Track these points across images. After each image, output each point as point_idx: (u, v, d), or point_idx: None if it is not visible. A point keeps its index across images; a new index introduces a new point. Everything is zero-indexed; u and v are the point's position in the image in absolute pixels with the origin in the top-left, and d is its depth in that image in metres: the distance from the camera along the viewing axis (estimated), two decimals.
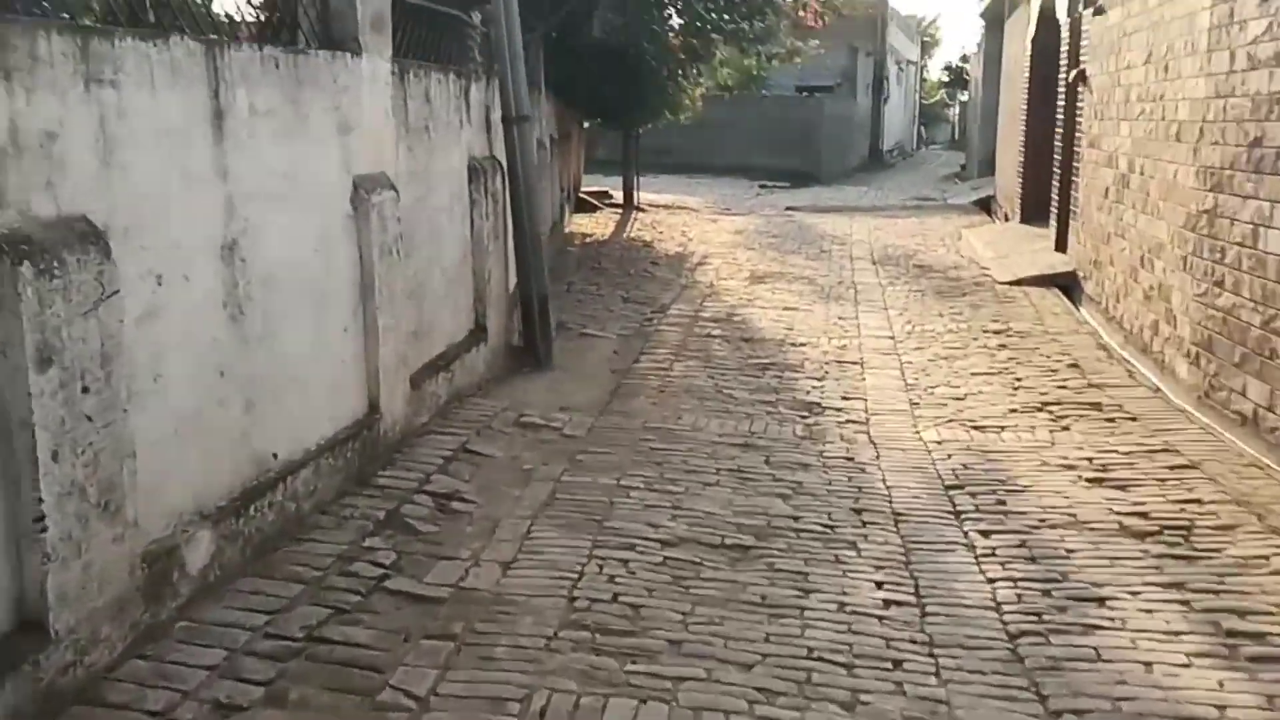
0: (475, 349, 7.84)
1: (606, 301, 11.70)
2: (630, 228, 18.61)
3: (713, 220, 20.24)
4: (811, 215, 21.78)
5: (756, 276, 13.71)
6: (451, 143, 7.49)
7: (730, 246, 16.60)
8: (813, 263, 15.05)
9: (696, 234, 18.10)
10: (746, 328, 10.56)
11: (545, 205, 12.22)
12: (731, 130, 31.92)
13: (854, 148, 37.50)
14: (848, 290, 12.86)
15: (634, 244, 16.56)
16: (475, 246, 7.93)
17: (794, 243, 17.16)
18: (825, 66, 37.41)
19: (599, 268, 13.97)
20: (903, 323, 10.92)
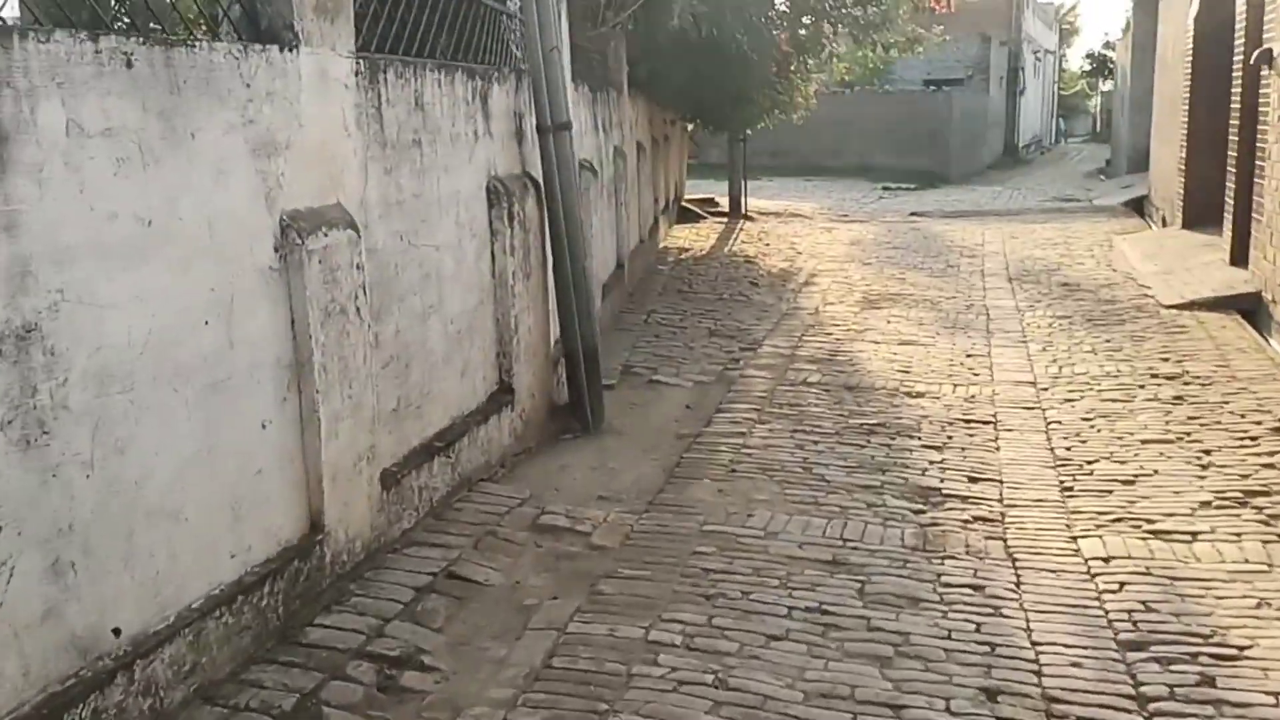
0: (497, 417, 6.21)
1: (689, 335, 9.97)
2: (734, 240, 16.83)
3: (827, 229, 18.32)
4: (938, 221, 19.65)
5: (870, 300, 11.82)
6: (460, 160, 5.88)
7: (843, 261, 14.69)
8: (937, 281, 13.06)
9: (807, 246, 16.22)
10: (852, 370, 8.72)
11: (611, 230, 10.59)
12: (852, 129, 29.83)
13: (987, 144, 34.94)
14: (978, 317, 10.87)
15: (734, 259, 14.79)
16: (499, 289, 6.30)
17: (917, 255, 15.16)
18: (955, 58, 34.99)
19: (689, 290, 12.24)
20: (1046, 361, 8.93)
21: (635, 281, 12.37)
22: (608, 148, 10.68)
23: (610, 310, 10.33)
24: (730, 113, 15.57)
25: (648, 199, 14.37)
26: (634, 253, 12.55)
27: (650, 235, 14.40)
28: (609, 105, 10.96)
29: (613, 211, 10.91)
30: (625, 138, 12.00)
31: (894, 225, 18.97)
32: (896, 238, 17.15)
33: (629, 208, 12.10)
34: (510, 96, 6.64)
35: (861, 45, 17.17)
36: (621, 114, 11.91)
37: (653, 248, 14.53)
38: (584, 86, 9.51)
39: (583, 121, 9.18)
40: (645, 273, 13.16)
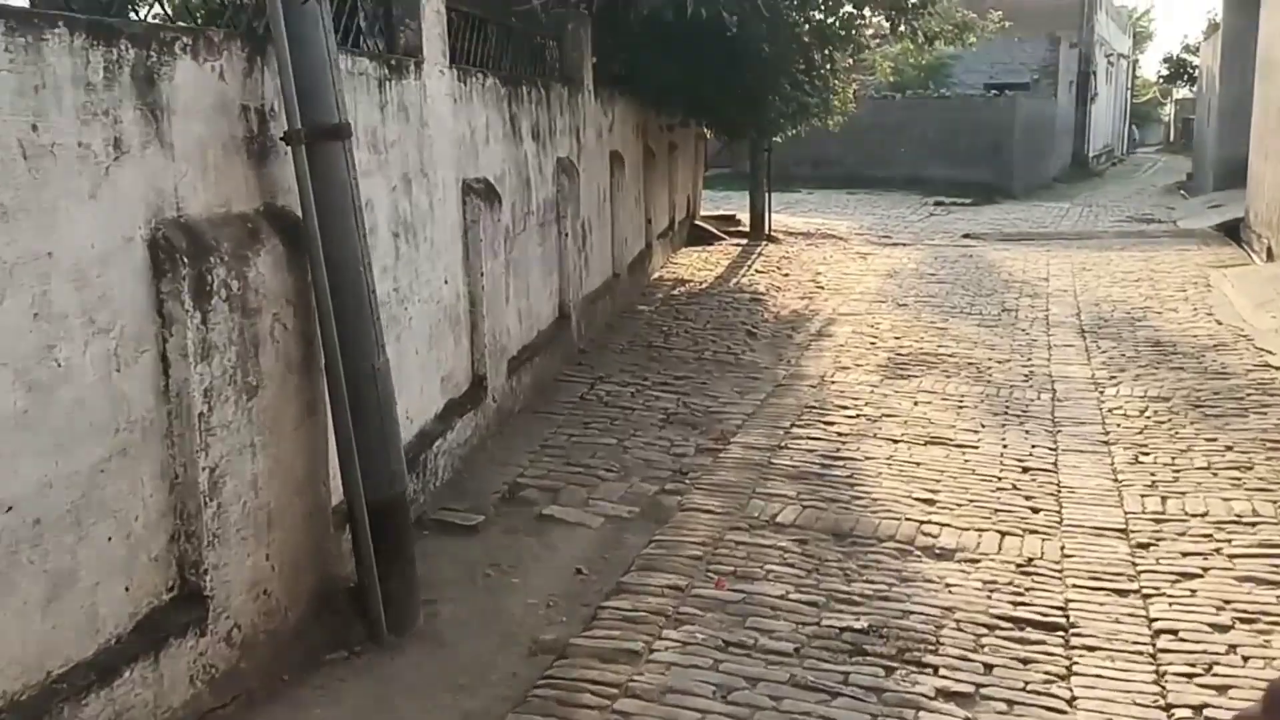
0: (155, 658, 3.40)
1: (633, 423, 7.10)
2: (747, 268, 13.91)
3: (862, 255, 15.33)
4: (996, 246, 16.56)
5: (897, 362, 8.87)
6: (65, 192, 3.08)
7: (872, 300, 11.73)
8: (988, 332, 10.07)
9: (833, 278, 13.27)
10: (850, 500, 5.80)
11: (550, 272, 7.73)
12: (904, 136, 26.71)
13: (1054, 154, 31.56)
14: (1040, 395, 7.90)
15: (739, 295, 11.89)
16: (175, 422, 3.49)
17: (965, 293, 12.14)
18: (1020, 59, 31.74)
19: (663, 345, 9.36)
20: (1142, 486, 5.97)
21: (598, 330, 9.53)
22: (540, 162, 7.87)
23: (536, 381, 7.50)
24: (739, 117, 12.65)
25: (630, 223, 11.53)
26: (598, 293, 9.71)
27: (634, 267, 11.56)
28: (548, 105, 8.15)
29: (549, 246, 8.09)
30: (582, 148, 9.17)
31: (942, 251, 15.91)
32: (943, 268, 14.13)
33: (587, 238, 9.28)
34: (232, 79, 3.82)
35: (900, 35, 14.11)
36: (578, 117, 9.08)
37: (637, 282, 11.69)
38: (487, 78, 6.70)
39: (475, 125, 6.38)
40: (617, 316, 10.32)
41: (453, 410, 5.85)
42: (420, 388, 5.43)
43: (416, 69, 5.47)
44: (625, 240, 10.88)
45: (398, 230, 5.15)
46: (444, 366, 5.78)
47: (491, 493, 5.62)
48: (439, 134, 5.77)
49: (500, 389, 6.56)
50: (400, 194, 5.20)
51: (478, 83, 6.47)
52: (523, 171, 7.41)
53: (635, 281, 11.60)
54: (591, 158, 9.56)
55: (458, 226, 6.04)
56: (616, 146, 10.70)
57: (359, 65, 4.79)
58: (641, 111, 12.04)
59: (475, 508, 5.41)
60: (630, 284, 11.22)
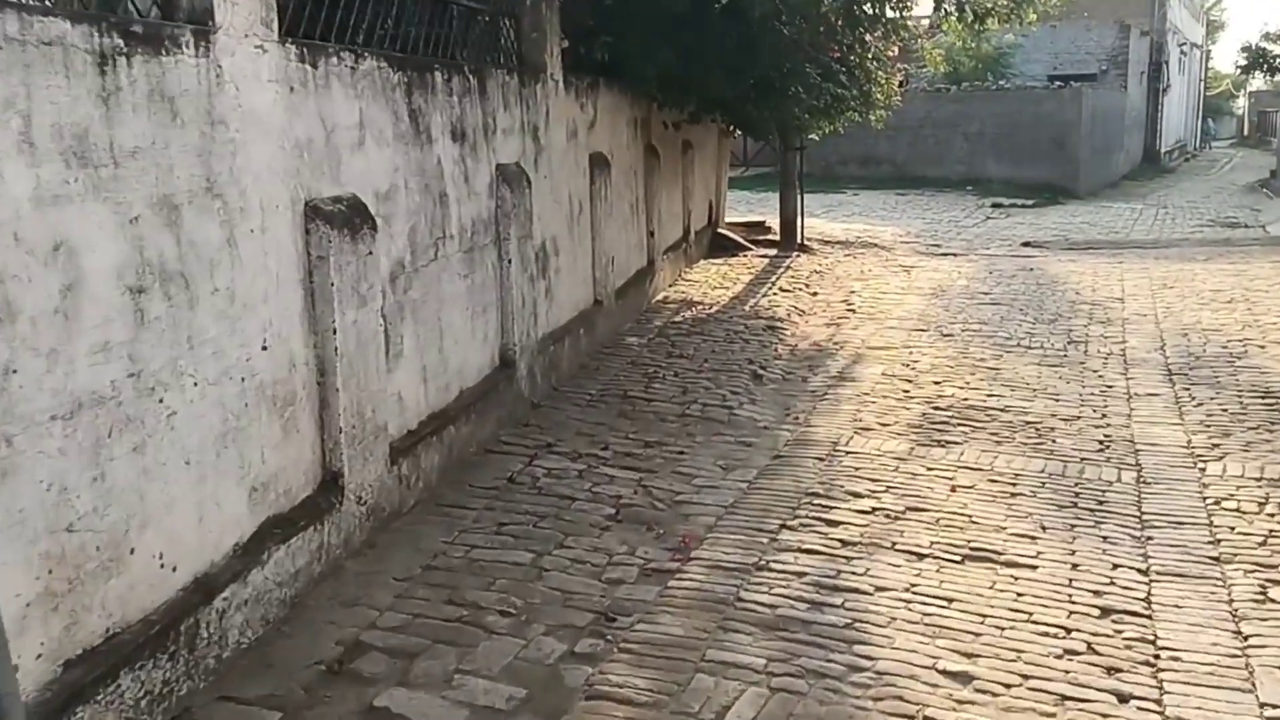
0: None
1: (573, 518, 5.23)
2: (770, 286, 11.98)
3: (906, 268, 13.32)
4: (1060, 257, 14.46)
5: (935, 420, 6.93)
6: None
7: (912, 328, 9.76)
8: (1052, 374, 8.08)
9: (869, 298, 11.31)
10: (839, 678, 3.86)
11: (475, 316, 5.85)
12: (958, 132, 24.54)
13: (1123, 150, 29.13)
14: (1121, 475, 5.92)
15: (753, 322, 9.98)
16: None
17: (1024, 319, 10.13)
18: (1086, 49, 29.39)
19: (643, 395, 7.48)
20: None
21: (565, 375, 7.70)
22: (467, 170, 6.04)
23: (452, 460, 5.68)
24: (756, 112, 10.71)
25: (623, 238, 9.68)
26: (567, 329, 7.87)
27: (628, 290, 9.71)
28: (482, 97, 6.32)
29: (481, 277, 6.26)
30: (541, 151, 7.34)
31: (998, 263, 13.85)
32: (998, 284, 12.09)
33: (548, 263, 7.45)
34: None
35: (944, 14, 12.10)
36: (534, 112, 7.25)
37: (632, 306, 9.83)
38: (362, 59, 4.88)
39: (335, 123, 4.58)
40: (596, 353, 8.47)
41: (273, 534, 4.05)
42: (197, 515, 3.63)
43: (200, 42, 3.67)
44: (612, 259, 9.02)
45: (142, 283, 3.36)
46: (255, 472, 3.98)
47: (311, 663, 3.80)
48: (253, 137, 3.97)
49: (373, 485, 4.75)
50: (152, 227, 3.41)
51: (341, 66, 4.66)
52: (433, 184, 5.59)
53: (630, 306, 9.75)
54: (558, 162, 7.72)
55: (294, 265, 4.25)
56: (600, 148, 8.85)
57: (45, 30, 3.00)
58: (639, 106, 10.18)
59: (275, 694, 3.60)
60: (621, 310, 9.37)
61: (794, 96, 10.81)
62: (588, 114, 8.52)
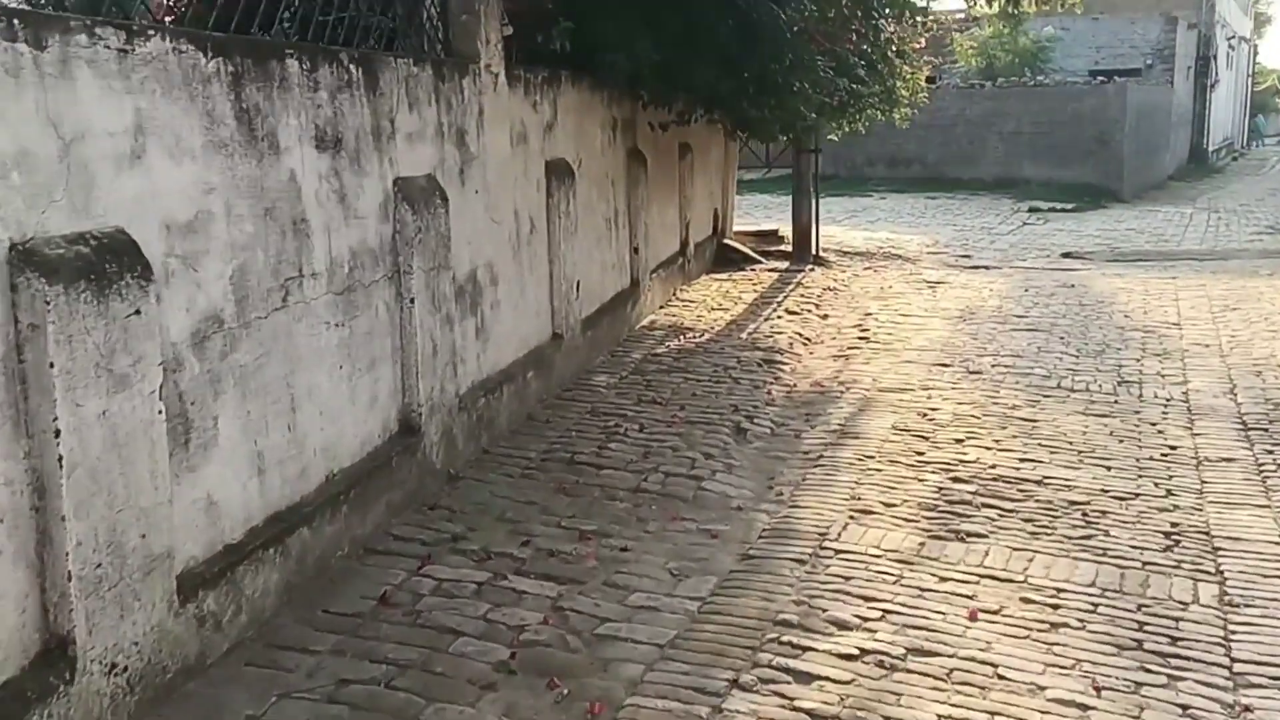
0: None
1: (453, 662, 3.78)
2: (775, 307, 10.48)
3: (931, 284, 11.78)
4: (1105, 270, 12.86)
5: (954, 500, 5.43)
6: None
7: (934, 362, 8.25)
8: (1100, 429, 6.55)
9: (886, 322, 9.79)
10: None
11: (345, 379, 4.37)
12: (993, 131, 22.88)
13: (1169, 149, 27.30)
14: (1200, 596, 4.40)
15: (748, 354, 8.48)
16: None
17: (1065, 350, 8.59)
18: (1130, 42, 27.58)
19: (594, 457, 5.99)
20: None
21: (503, 432, 6.26)
22: (345, 187, 4.61)
23: (298, 578, 4.26)
24: (754, 110, 9.18)
25: (595, 258, 8.24)
26: (508, 375, 6.43)
27: (603, 317, 8.26)
28: (373, 94, 4.89)
29: (369, 324, 4.83)
30: (470, 161, 5.90)
31: (1036, 277, 12.27)
32: (1036, 305, 10.53)
33: (478, 297, 6.02)
34: None
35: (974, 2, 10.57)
36: (461, 113, 5.81)
37: (608, 336, 8.38)
38: (139, 40, 3.45)
39: (85, 128, 3.16)
40: (550, 400, 7.02)
41: None
42: None
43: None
44: (577, 285, 7.57)
45: None
46: None
47: None
48: None
49: (141, 642, 3.33)
50: None
51: (96, 47, 3.24)
52: (281, 207, 4.17)
53: (603, 336, 8.30)
54: (498, 173, 6.28)
55: None
56: (563, 154, 7.41)
57: None
58: (619, 105, 8.72)
59: None
60: (589, 343, 7.92)
61: (800, 92, 9.28)
62: (543, 114, 7.07)
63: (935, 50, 22.20)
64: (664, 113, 9.13)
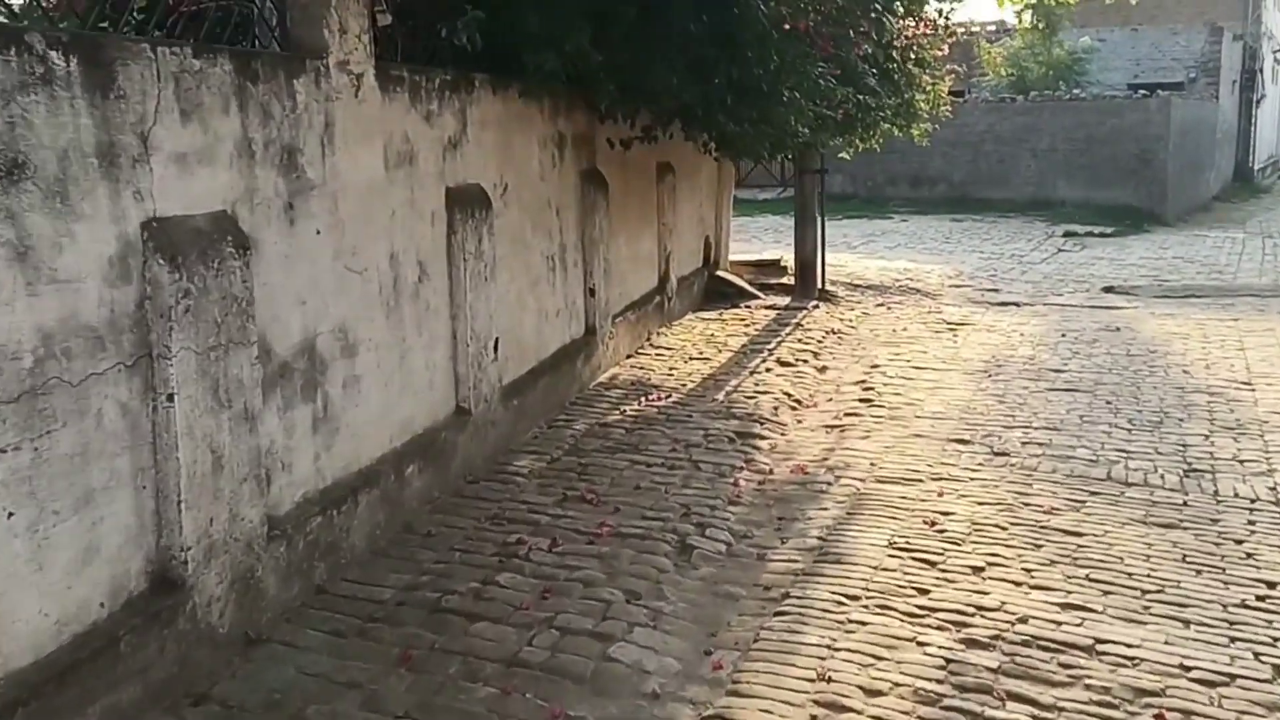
0: None
1: None
2: (766, 356, 8.76)
3: (951, 327, 10.02)
4: (1153, 309, 11.03)
5: (964, 681, 3.69)
6: None
7: (948, 438, 6.51)
8: (1168, 552, 4.79)
9: (894, 380, 8.06)
10: None
11: None
12: (1026, 148, 21.05)
13: (1214, 167, 25.33)
14: None
15: (721, 424, 6.76)
16: None
17: (1113, 420, 6.83)
18: (1172, 54, 25.66)
19: (475, 599, 4.31)
20: None
21: (350, 563, 4.59)
22: (31, 237, 2.96)
23: None
24: (730, 123, 7.42)
25: (531, 305, 6.56)
26: (367, 480, 4.75)
27: (541, 379, 6.59)
28: (111, 98, 3.24)
29: (94, 434, 3.16)
30: (303, 189, 4.23)
31: (1074, 318, 10.48)
32: (1074, 357, 8.76)
33: (319, 376, 4.34)
34: None
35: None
36: (295, 126, 4.16)
37: (538, 406, 6.68)
38: None
39: None
40: (437, 505, 5.34)
41: None
42: None
43: None
44: (493, 343, 5.90)
45: None
46: None
47: None
48: None
49: None
50: None
51: None
52: None
53: (539, 404, 6.62)
54: (356, 206, 4.63)
55: None
56: (476, 177, 5.75)
57: None
58: (566, 117, 7.06)
59: None
60: (516, 415, 6.24)
61: (791, 103, 7.57)
62: (442, 128, 5.41)
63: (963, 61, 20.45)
64: (626, 127, 7.44)
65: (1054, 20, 22.10)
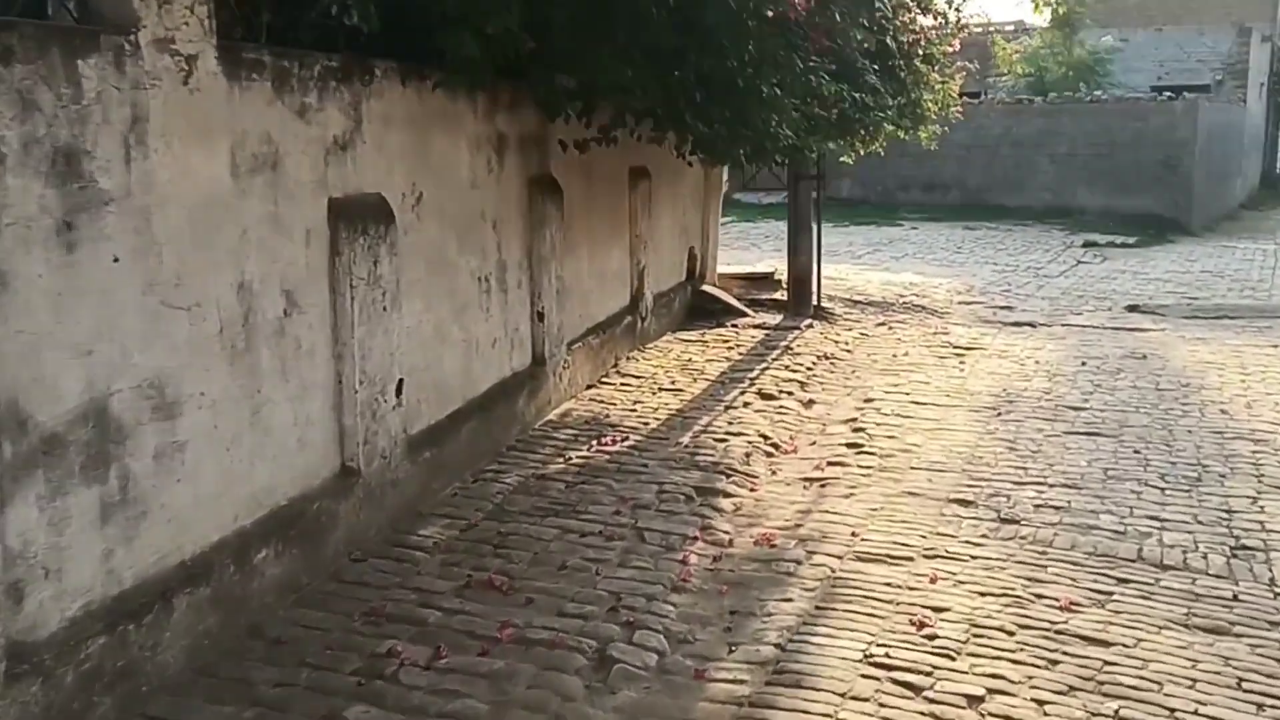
0: None
1: None
2: (746, 386, 7.67)
3: (958, 351, 8.92)
4: (1184, 333, 9.89)
5: None
6: None
7: (948, 498, 5.42)
8: (1211, 669, 3.69)
9: (888, 416, 6.97)
10: None
11: None
12: (1044, 152, 19.88)
13: (1240, 174, 24.08)
14: None
15: (681, 476, 5.69)
16: None
17: (1143, 475, 5.74)
18: (1198, 55, 24.40)
19: None
20: None
21: (130, 703, 3.53)
22: None
23: None
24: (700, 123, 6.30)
25: (451, 336, 5.48)
26: (205, 567, 3.69)
27: (454, 427, 5.50)
28: None
29: None
30: (83, 205, 3.17)
31: (1094, 342, 9.36)
32: (1096, 390, 7.65)
33: (62, 465, 3.28)
34: None
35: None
36: (81, 124, 3.10)
37: (466, 454, 5.61)
38: None
39: None
40: (298, 597, 4.28)
41: None
42: None
43: None
44: (393, 386, 4.81)
45: None
46: None
47: None
48: None
49: None
50: None
51: None
52: None
53: (464, 454, 5.55)
54: (181, 224, 3.57)
55: None
56: (374, 185, 4.68)
57: None
58: (507, 115, 5.99)
59: None
60: (427, 472, 5.17)
61: (771, 101, 6.48)
62: (325, 125, 4.35)
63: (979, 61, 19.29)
64: (585, 127, 6.35)
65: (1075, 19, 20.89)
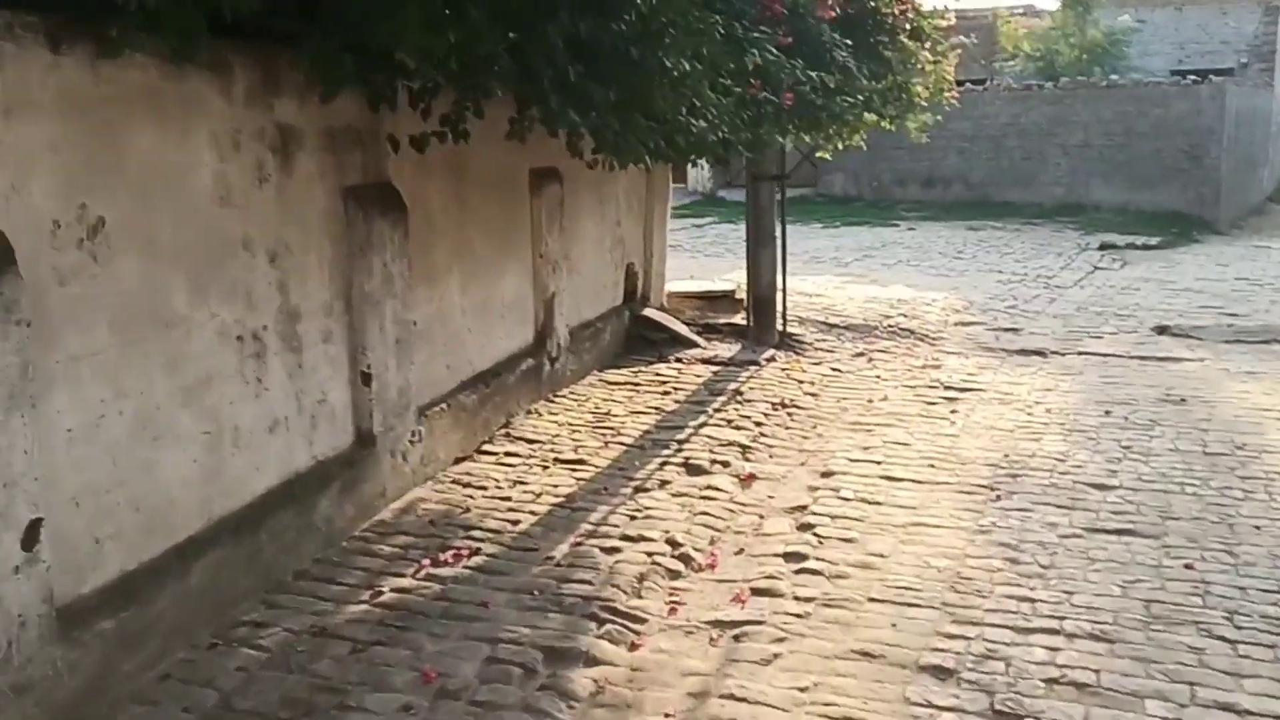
0: None
1: None
2: (674, 452, 5.81)
3: (948, 395, 7.04)
4: (1225, 363, 7.97)
5: None
6: None
7: (911, 661, 3.53)
8: None
9: (849, 502, 5.10)
10: None
11: None
12: (1055, 143, 17.91)
13: (1268, 164, 22.03)
14: None
15: (530, 626, 3.87)
16: None
17: (1200, 625, 3.79)
18: (1220, 36, 22.33)
19: None
20: None
21: None
22: None
23: None
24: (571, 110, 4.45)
25: (162, 435, 3.64)
26: None
27: (183, 564, 3.68)
28: None
29: None
30: None
31: (1118, 379, 7.47)
32: (1125, 457, 5.76)
33: None
34: None
35: None
36: None
37: (184, 608, 3.78)
38: None
39: None
40: None
41: None
42: None
43: None
44: (33, 524, 2.97)
45: None
46: None
47: None
48: None
49: None
50: None
51: None
52: None
53: (208, 595, 3.70)
54: None
55: None
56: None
57: None
58: (304, 102, 4.14)
59: None
60: (136, 636, 3.33)
61: (681, 79, 4.60)
62: None
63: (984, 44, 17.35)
64: (418, 118, 4.47)
65: None
